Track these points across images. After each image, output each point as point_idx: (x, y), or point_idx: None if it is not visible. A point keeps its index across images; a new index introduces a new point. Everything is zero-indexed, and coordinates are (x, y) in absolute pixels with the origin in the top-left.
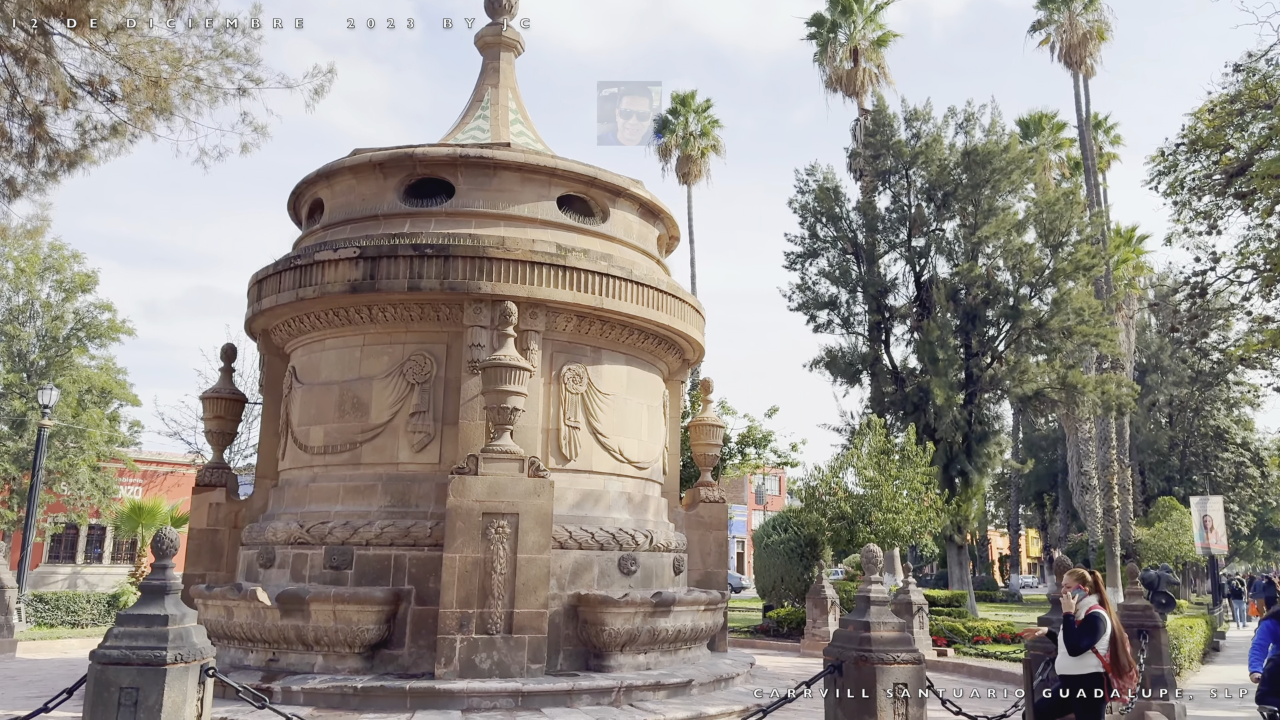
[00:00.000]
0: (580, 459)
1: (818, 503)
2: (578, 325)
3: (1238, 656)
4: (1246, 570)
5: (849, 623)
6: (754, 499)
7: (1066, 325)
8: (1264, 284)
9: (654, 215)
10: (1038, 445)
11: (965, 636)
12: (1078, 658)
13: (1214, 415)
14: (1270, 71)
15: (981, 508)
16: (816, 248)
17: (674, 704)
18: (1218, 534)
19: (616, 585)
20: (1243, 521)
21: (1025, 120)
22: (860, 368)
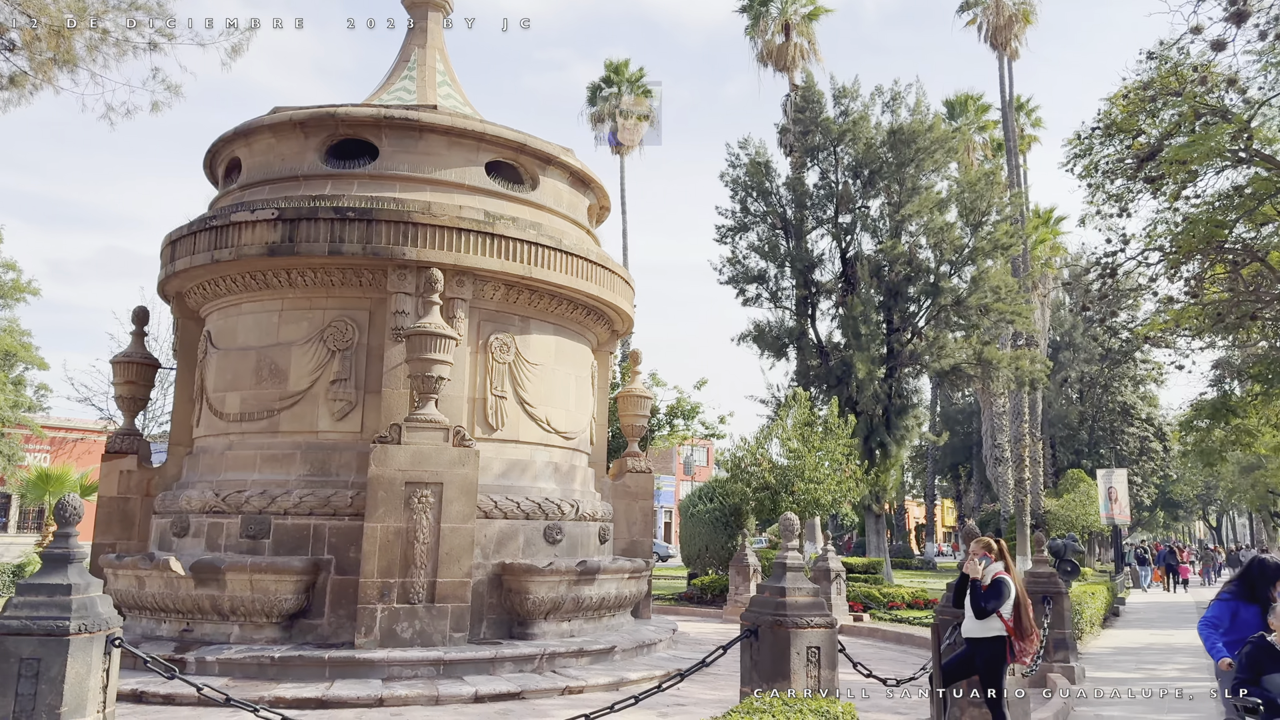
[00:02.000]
0: (507, 429)
1: (743, 473)
2: (506, 294)
3: (1137, 621)
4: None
5: (766, 589)
6: (682, 470)
7: (984, 303)
8: (1169, 266)
9: (585, 184)
10: (954, 419)
11: (881, 602)
12: (983, 621)
13: (1121, 392)
14: (1181, 60)
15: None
16: (747, 222)
17: (596, 670)
18: (1122, 505)
19: (542, 554)
20: (1145, 493)
21: (951, 101)
22: (787, 342)
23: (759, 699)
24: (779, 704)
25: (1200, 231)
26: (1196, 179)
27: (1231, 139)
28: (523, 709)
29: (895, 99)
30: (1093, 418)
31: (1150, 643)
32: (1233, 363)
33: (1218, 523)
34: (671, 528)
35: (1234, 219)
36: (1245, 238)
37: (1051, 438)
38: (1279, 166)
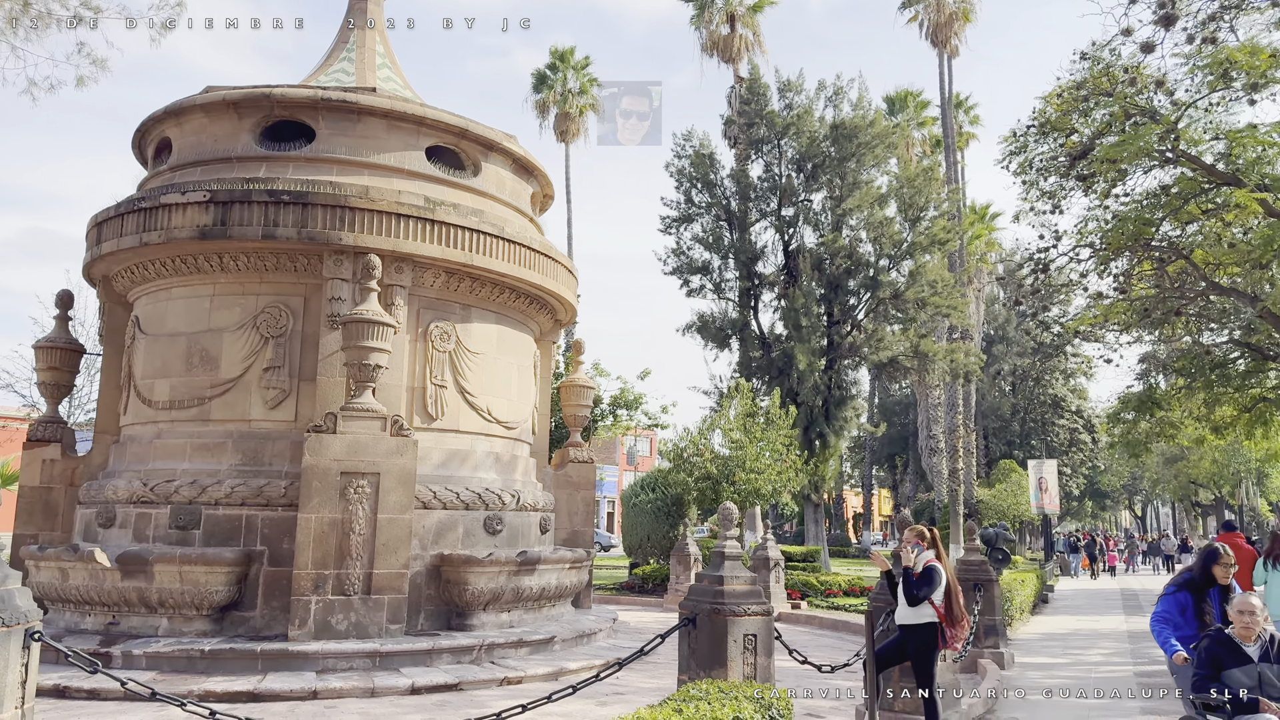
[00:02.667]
0: (447, 418)
1: (685, 463)
2: (446, 282)
3: (1065, 608)
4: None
5: (704, 577)
6: (625, 460)
7: (921, 296)
8: (1099, 262)
9: (528, 172)
10: (892, 410)
11: (818, 590)
12: (915, 608)
13: (1052, 384)
14: (1112, 61)
15: (838, 468)
16: (691, 213)
17: (536, 660)
18: (1051, 495)
19: (481, 545)
20: (1074, 483)
21: (892, 97)
22: (730, 333)
23: (696, 686)
24: (715, 691)
25: (1129, 229)
26: (1126, 178)
27: (1159, 139)
28: (460, 700)
29: (838, 93)
30: (1024, 410)
31: (1077, 628)
32: (1158, 357)
33: (1143, 512)
34: (614, 518)
35: (1161, 217)
36: (1171, 236)
37: (985, 429)
38: (1204, 168)
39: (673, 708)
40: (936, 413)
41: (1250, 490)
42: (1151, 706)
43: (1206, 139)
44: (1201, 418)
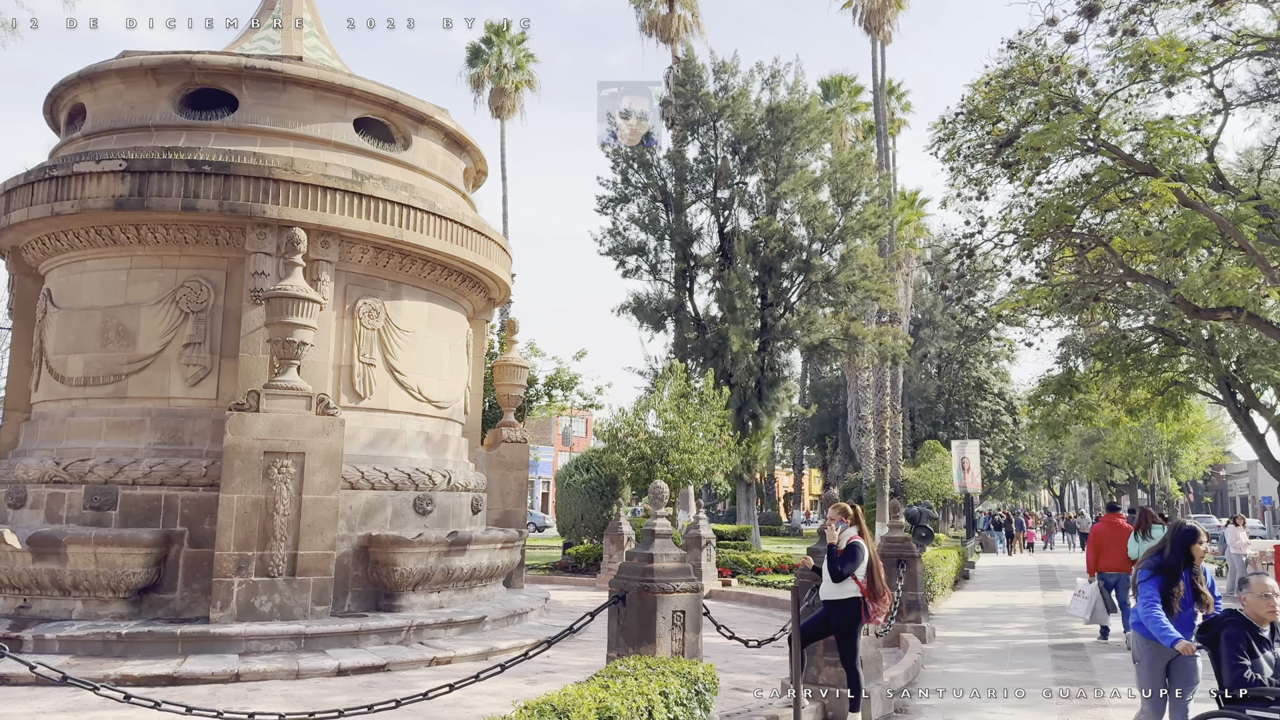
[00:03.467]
0: (375, 397)
1: (620, 444)
2: (375, 257)
3: (985, 584)
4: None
5: (634, 555)
6: (561, 440)
7: (852, 280)
8: (1022, 248)
9: (460, 147)
10: (822, 391)
11: (749, 567)
12: (839, 584)
13: (976, 367)
14: (1038, 51)
15: (770, 449)
16: (628, 193)
17: (466, 640)
18: (974, 474)
19: (411, 525)
20: (996, 463)
21: (826, 82)
22: (665, 314)
23: (623, 663)
24: (642, 667)
25: (1051, 216)
26: (1049, 166)
27: (1082, 128)
28: (388, 681)
29: (774, 77)
30: (949, 392)
31: (996, 603)
32: (1077, 341)
33: (1061, 492)
34: (549, 498)
35: (1082, 205)
36: (1091, 223)
37: (911, 410)
38: (1123, 157)
39: (599, 684)
40: (865, 394)
41: (1162, 470)
42: (1064, 678)
43: (1126, 129)
44: (1117, 400)
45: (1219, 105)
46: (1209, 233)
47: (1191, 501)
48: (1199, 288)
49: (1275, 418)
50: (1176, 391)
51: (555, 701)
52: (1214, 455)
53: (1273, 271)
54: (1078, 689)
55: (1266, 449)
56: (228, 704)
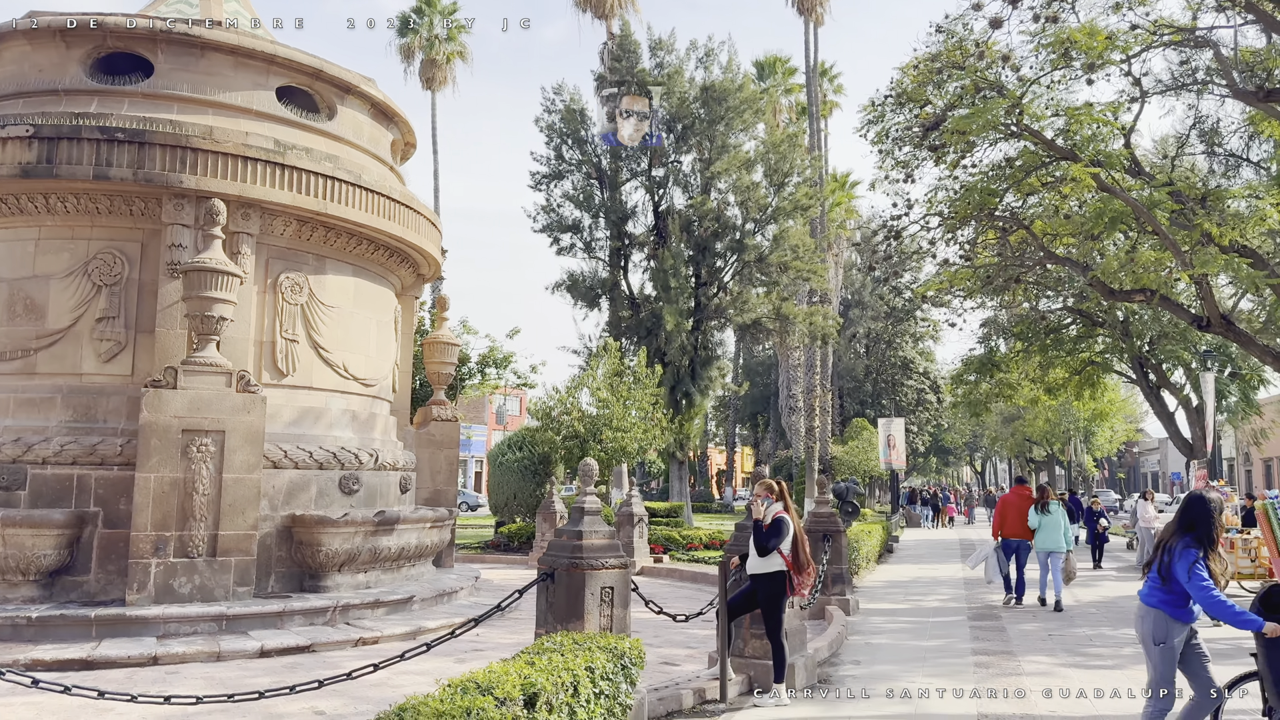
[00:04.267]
0: (299, 374)
1: (553, 422)
2: (298, 230)
3: (908, 557)
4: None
5: (563, 533)
6: (494, 419)
7: (784, 261)
8: (947, 230)
9: (388, 118)
10: (755, 370)
11: (680, 544)
12: (765, 559)
13: (902, 347)
14: (965, 36)
15: (703, 427)
16: (562, 170)
17: (393, 620)
18: (899, 451)
19: (336, 505)
20: (920, 440)
21: (760, 62)
22: (600, 292)
23: (550, 639)
24: (569, 642)
25: (975, 199)
26: (974, 149)
27: (1006, 113)
28: (313, 662)
29: (708, 55)
30: (877, 371)
31: (918, 576)
32: (999, 322)
33: (982, 468)
34: (482, 477)
35: (1005, 189)
36: (1014, 207)
37: (840, 389)
38: (1045, 142)
39: (525, 660)
40: (796, 373)
41: (1078, 447)
42: (981, 648)
43: (1048, 115)
44: (1036, 379)
45: (1136, 93)
46: (1125, 217)
47: (1106, 477)
48: (1115, 271)
49: (1184, 397)
50: (1093, 371)
51: (479, 679)
52: (1127, 433)
53: (1184, 256)
54: (994, 658)
55: (1176, 427)
56: (144, 687)
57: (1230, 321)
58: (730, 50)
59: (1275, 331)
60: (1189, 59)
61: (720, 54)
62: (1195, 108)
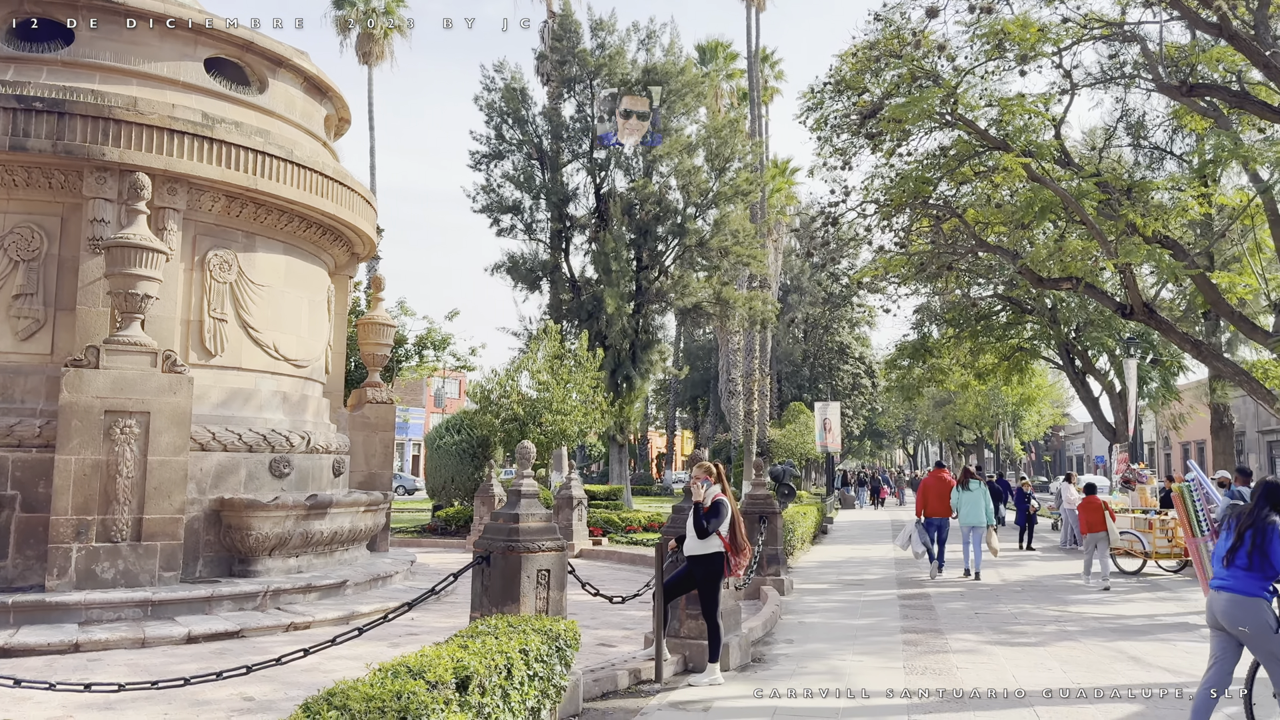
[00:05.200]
0: (228, 354)
1: (492, 405)
2: (227, 206)
3: (842, 538)
4: (861, 465)
5: (499, 515)
6: (433, 402)
7: (725, 245)
8: (883, 217)
9: (321, 92)
10: (695, 354)
11: (619, 527)
12: (703, 540)
13: (839, 332)
14: (902, 24)
15: (643, 410)
16: (502, 149)
17: (326, 605)
18: (834, 435)
19: (267, 488)
20: (855, 424)
21: (702, 46)
22: (541, 275)
23: (485, 622)
24: (504, 625)
25: (910, 187)
26: (910, 138)
27: (941, 102)
28: (242, 648)
29: (650, 38)
30: (814, 355)
31: (851, 556)
32: (932, 308)
33: (914, 451)
34: (420, 461)
35: (939, 177)
36: (947, 195)
37: (779, 373)
38: (978, 132)
39: (458, 643)
40: (735, 357)
41: (1006, 431)
42: (910, 626)
43: (982, 105)
44: (967, 365)
45: (1067, 85)
46: (1054, 207)
47: (1033, 460)
48: (1043, 259)
49: (1108, 383)
50: (1021, 357)
51: (411, 662)
52: (1054, 417)
53: (1110, 245)
54: (923, 636)
55: (1100, 411)
56: (65, 675)
57: (1152, 310)
58: (672, 33)
59: (1194, 320)
60: (1118, 53)
61: (662, 36)
62: (1123, 101)
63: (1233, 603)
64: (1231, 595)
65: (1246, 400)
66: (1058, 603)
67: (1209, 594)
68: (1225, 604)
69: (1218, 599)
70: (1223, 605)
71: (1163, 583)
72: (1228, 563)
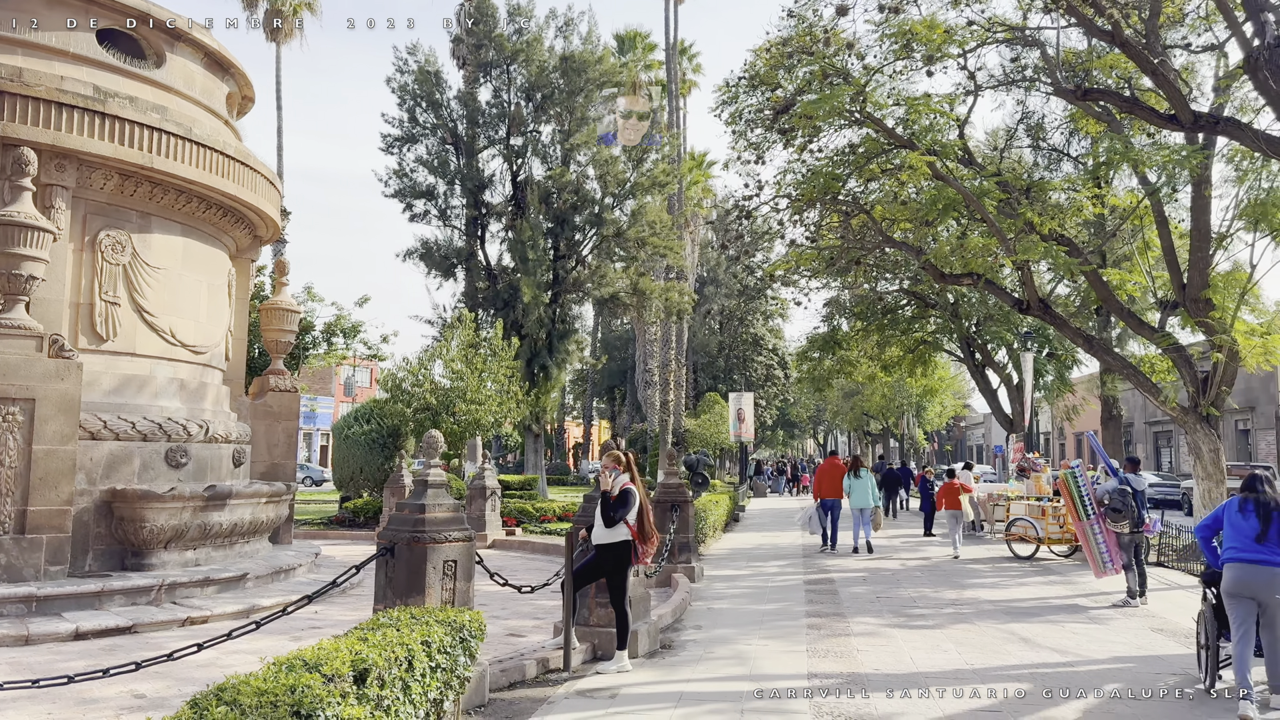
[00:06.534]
0: (121, 339)
1: (403, 394)
2: (120, 185)
3: (753, 525)
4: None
5: (405, 506)
6: (343, 391)
7: (642, 236)
8: (794, 212)
9: (223, 69)
10: (613, 344)
11: (534, 516)
12: (611, 529)
13: (754, 324)
14: (815, 21)
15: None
16: (416, 133)
17: (225, 599)
18: (748, 425)
19: (163, 479)
20: (768, 414)
21: (621, 36)
22: (455, 262)
23: (387, 614)
24: (406, 617)
25: (820, 183)
26: (820, 134)
27: (851, 100)
28: (134, 644)
29: (568, 25)
30: (730, 347)
31: (761, 543)
32: (841, 302)
33: (824, 440)
34: (329, 451)
35: (848, 174)
36: (856, 191)
37: (694, 364)
38: (886, 130)
39: (358, 636)
40: (652, 348)
41: (910, 422)
42: (815, 610)
43: (890, 104)
44: (874, 357)
45: (971, 87)
46: (957, 205)
47: (935, 450)
48: (946, 255)
49: (1006, 375)
50: (925, 350)
51: (307, 655)
52: (955, 408)
53: (1009, 243)
54: (826, 620)
55: (998, 403)
56: None
57: (1048, 305)
58: (591, 21)
59: (1087, 315)
60: (1019, 56)
61: (580, 24)
62: (1024, 103)
63: (1274, 575)
64: (1272, 569)
65: (1135, 393)
66: (955, 586)
67: (1236, 569)
68: (1268, 577)
69: (1258, 572)
70: (1265, 578)
71: (1054, 567)
72: (1260, 541)
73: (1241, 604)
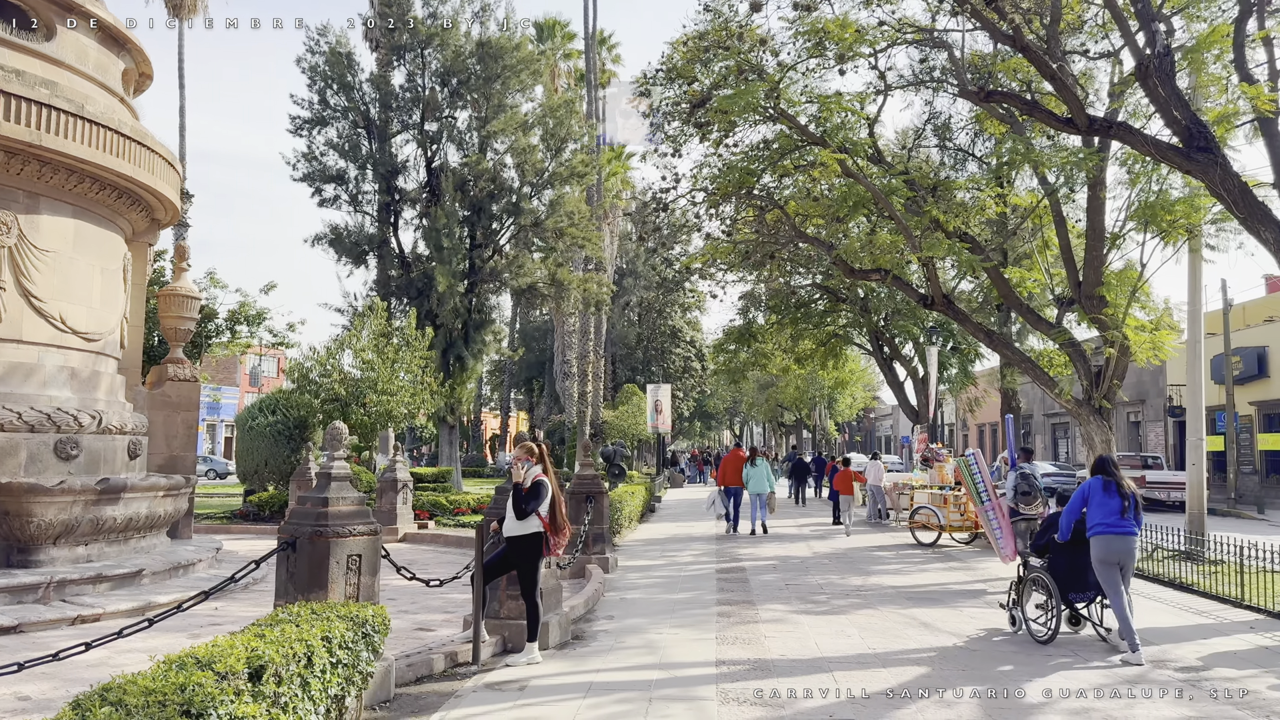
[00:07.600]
0: (7, 326)
1: (311, 384)
2: (6, 163)
3: (669, 516)
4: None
5: (307, 499)
6: (248, 380)
7: (560, 227)
8: (710, 206)
9: (119, 44)
10: (531, 335)
11: (447, 509)
12: (523, 520)
13: (672, 316)
14: (730, 16)
15: (476, 391)
16: (326, 116)
17: (119, 595)
18: (665, 416)
19: (51, 471)
20: (685, 406)
21: (540, 23)
22: (367, 249)
23: (287, 610)
24: (307, 612)
25: (735, 178)
26: (736, 129)
27: (765, 96)
28: (19, 643)
29: (485, 10)
30: (648, 338)
31: (676, 533)
32: (756, 296)
33: (740, 431)
34: (233, 443)
35: (762, 169)
36: (770, 187)
37: (613, 355)
38: (799, 127)
39: (255, 632)
40: (571, 339)
41: (823, 413)
42: (725, 598)
43: (803, 101)
44: (788, 350)
45: (881, 86)
46: (866, 202)
47: (846, 440)
48: (856, 251)
49: (912, 368)
50: (836, 343)
51: (200, 653)
52: (865, 400)
53: (915, 240)
54: (736, 608)
55: (905, 395)
56: None
57: (951, 301)
58: (508, 8)
59: (989, 311)
60: (928, 58)
61: (497, 10)
62: (931, 104)
63: (1134, 543)
64: (1133, 538)
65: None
66: (861, 574)
67: (1108, 540)
68: (1131, 545)
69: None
70: (1129, 546)
71: (955, 554)
72: (1124, 515)
73: (1112, 569)
